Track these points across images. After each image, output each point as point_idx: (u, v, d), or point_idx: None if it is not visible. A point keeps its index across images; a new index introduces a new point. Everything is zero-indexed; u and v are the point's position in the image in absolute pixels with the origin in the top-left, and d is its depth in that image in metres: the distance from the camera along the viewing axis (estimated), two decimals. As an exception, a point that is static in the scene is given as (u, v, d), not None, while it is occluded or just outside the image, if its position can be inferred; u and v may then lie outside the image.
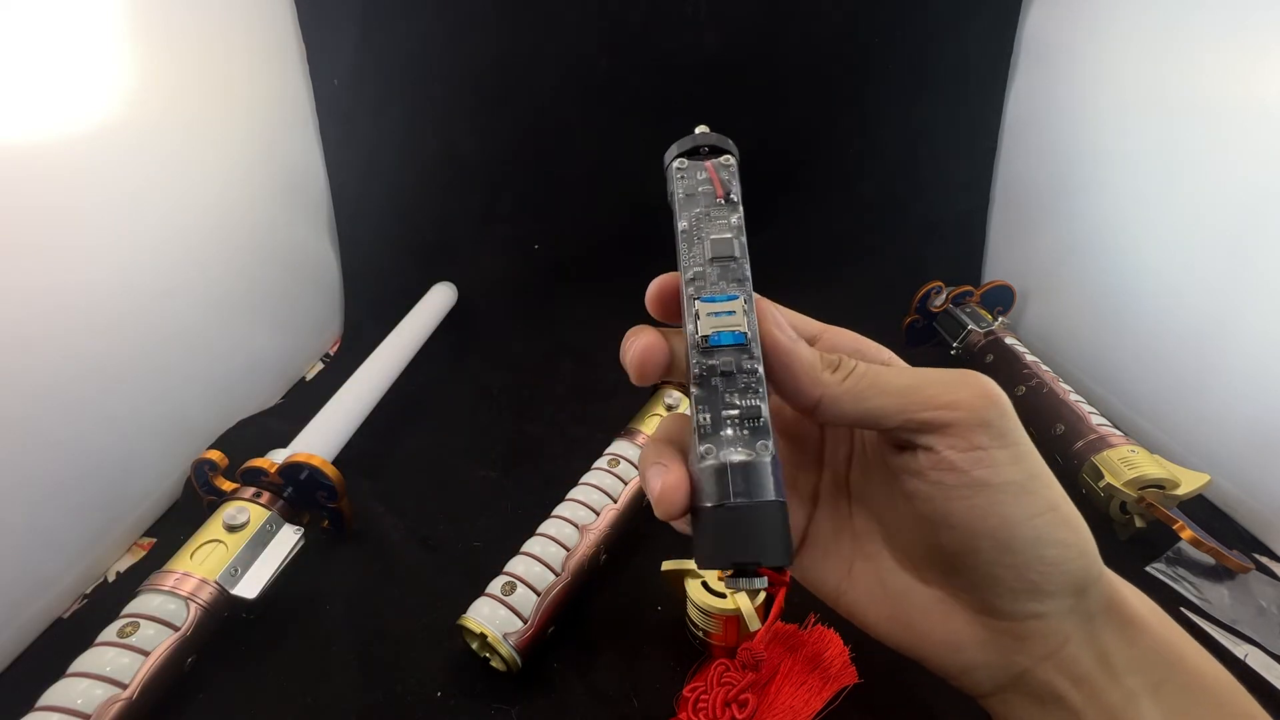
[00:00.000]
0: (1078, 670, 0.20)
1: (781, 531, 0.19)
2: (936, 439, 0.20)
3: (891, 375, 0.21)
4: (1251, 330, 0.49)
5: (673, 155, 0.25)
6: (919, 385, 0.20)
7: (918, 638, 0.22)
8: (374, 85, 0.70)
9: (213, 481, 0.48)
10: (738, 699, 0.36)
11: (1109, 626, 0.20)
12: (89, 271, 0.46)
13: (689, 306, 0.22)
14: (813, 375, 0.21)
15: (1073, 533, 0.20)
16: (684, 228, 0.23)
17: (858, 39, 0.71)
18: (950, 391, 0.20)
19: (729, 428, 0.20)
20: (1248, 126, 0.49)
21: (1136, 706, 0.20)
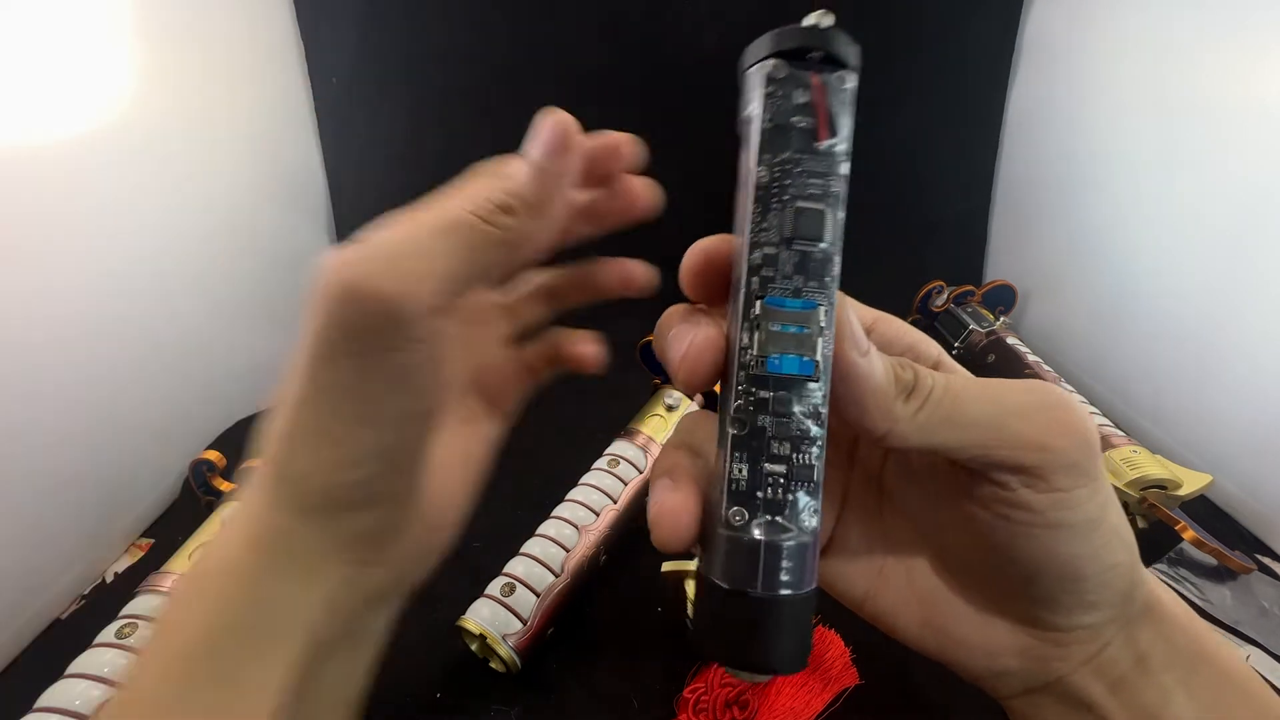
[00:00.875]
0: (1115, 673, 0.20)
1: (808, 628, 0.16)
2: (1014, 478, 0.18)
3: (971, 404, 0.18)
4: (1253, 330, 0.49)
5: (760, 54, 0.17)
6: (1002, 419, 0.18)
7: (952, 644, 0.21)
8: (373, 84, 0.70)
9: (211, 482, 0.48)
10: (738, 700, 0.36)
11: (1147, 626, 0.20)
12: (87, 272, 0.45)
13: (745, 303, 0.16)
14: (884, 407, 0.17)
15: (1127, 551, 0.19)
16: (761, 178, 0.16)
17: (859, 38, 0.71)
18: (1038, 430, 0.18)
19: (770, 489, 0.16)
20: (1248, 126, 0.49)
21: (1169, 702, 0.20)
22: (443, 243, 0.18)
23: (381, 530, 0.19)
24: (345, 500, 0.18)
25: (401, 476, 0.19)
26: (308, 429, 0.18)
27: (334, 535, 0.18)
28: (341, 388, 0.17)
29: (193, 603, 0.18)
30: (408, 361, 0.17)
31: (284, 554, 0.18)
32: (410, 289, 0.17)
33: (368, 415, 0.18)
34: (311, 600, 0.18)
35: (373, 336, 0.17)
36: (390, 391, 0.18)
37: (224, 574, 0.18)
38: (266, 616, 0.18)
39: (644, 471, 0.48)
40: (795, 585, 0.16)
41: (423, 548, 0.21)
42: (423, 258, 0.17)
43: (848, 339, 0.17)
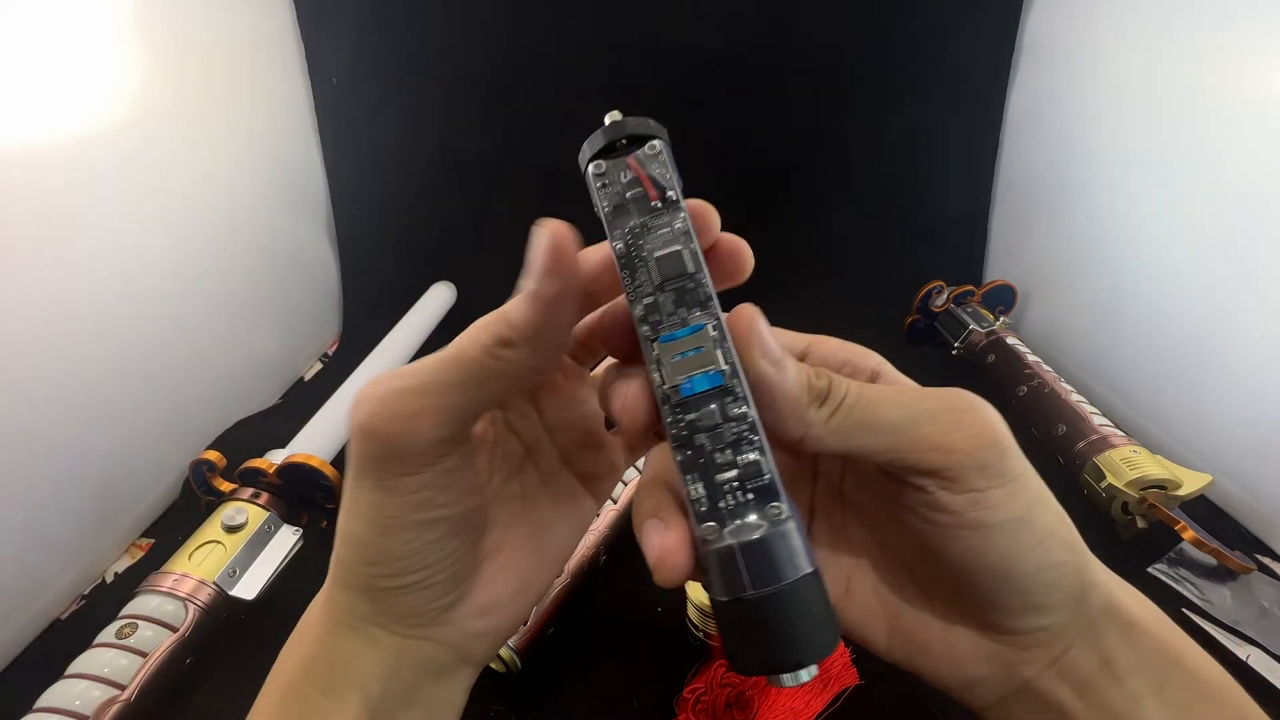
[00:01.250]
0: (1080, 675, 0.20)
1: (822, 610, 0.17)
2: (929, 481, 0.19)
3: (881, 409, 0.19)
4: (1253, 330, 0.49)
5: (587, 157, 0.20)
6: (911, 422, 0.19)
7: (918, 653, 0.22)
8: (373, 85, 0.70)
9: (211, 482, 0.48)
10: (738, 700, 0.36)
11: (1111, 630, 0.20)
12: (87, 273, 0.45)
13: (647, 349, 0.18)
14: (796, 413, 0.19)
15: (1069, 551, 0.20)
16: (620, 250, 0.19)
17: (859, 38, 0.71)
18: (944, 432, 0.19)
19: (729, 496, 0.17)
20: (1249, 126, 0.49)
21: (1140, 708, 0.20)
22: (445, 380, 0.20)
23: (421, 613, 0.22)
24: (380, 589, 0.21)
25: (430, 572, 0.21)
26: (349, 530, 0.21)
27: (381, 613, 0.21)
28: (367, 503, 0.20)
29: (288, 654, 0.23)
30: (417, 484, 0.20)
31: (345, 623, 0.22)
32: (409, 428, 0.19)
33: (389, 526, 0.20)
34: (369, 663, 0.21)
35: (382, 465, 0.20)
36: (405, 507, 0.20)
37: (308, 632, 0.23)
38: (335, 672, 0.21)
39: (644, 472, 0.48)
40: (787, 574, 0.16)
41: (475, 630, 0.23)
42: (427, 396, 0.19)
43: (755, 350, 0.18)
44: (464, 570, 0.22)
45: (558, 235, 0.18)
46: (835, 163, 0.76)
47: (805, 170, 0.77)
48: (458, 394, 0.20)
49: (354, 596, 0.22)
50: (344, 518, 0.21)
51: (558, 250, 0.18)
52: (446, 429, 0.20)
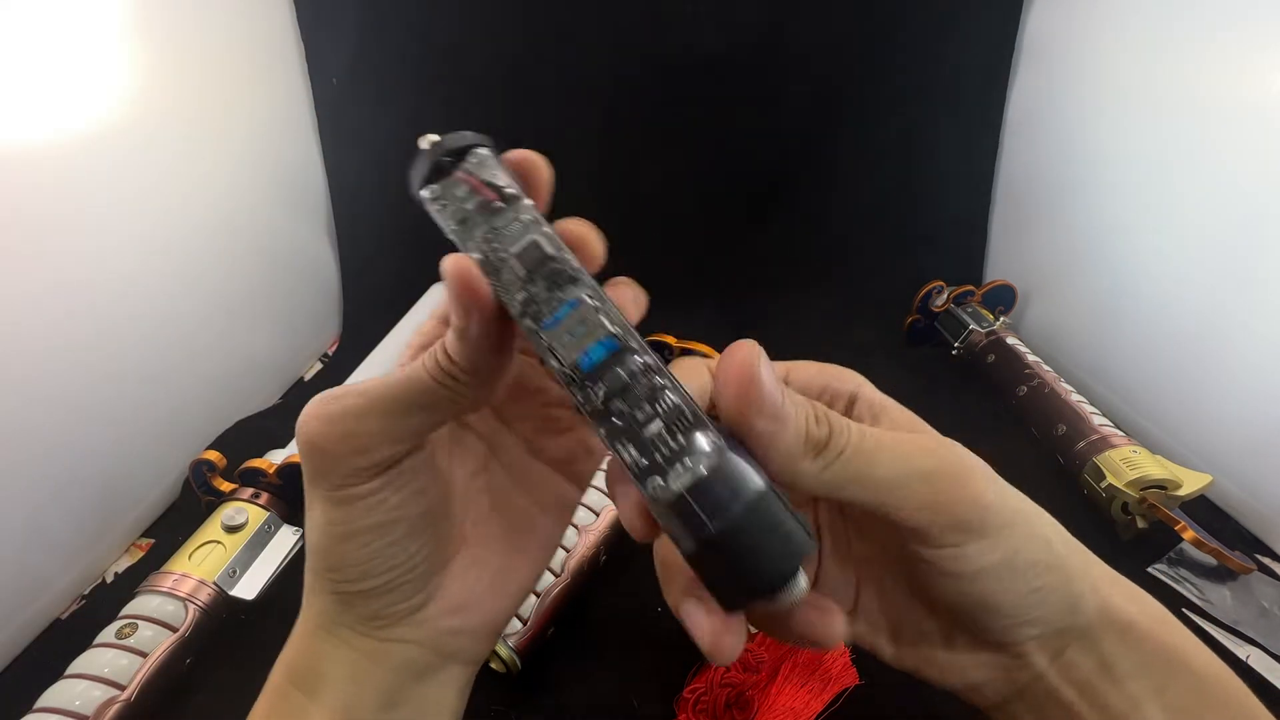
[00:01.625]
0: (1078, 676, 0.21)
1: (787, 519, 0.17)
2: (910, 535, 0.19)
3: (875, 464, 0.19)
4: (1254, 330, 0.49)
5: (417, 186, 0.20)
6: (902, 482, 0.19)
7: (923, 662, 0.23)
8: (373, 85, 0.70)
9: (211, 482, 0.48)
10: (739, 700, 0.36)
11: (1107, 634, 0.21)
12: (87, 273, 0.45)
13: (537, 342, 0.18)
14: (789, 465, 0.18)
15: (1055, 573, 0.20)
16: (479, 260, 0.19)
17: (859, 38, 0.71)
18: (932, 494, 0.19)
19: (661, 446, 0.17)
20: (1250, 126, 0.48)
21: (1140, 710, 0.20)
22: (393, 400, 0.20)
23: (388, 614, 0.22)
24: (344, 594, 0.22)
25: (392, 575, 0.22)
26: (309, 538, 0.22)
27: (350, 616, 0.22)
28: (319, 512, 0.21)
29: (279, 660, 0.23)
30: (366, 491, 0.20)
31: (321, 626, 0.22)
32: (354, 445, 0.20)
33: (342, 533, 0.21)
34: (345, 665, 0.22)
35: (329, 478, 0.20)
36: (356, 514, 0.21)
37: (292, 636, 0.23)
38: (315, 675, 0.22)
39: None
40: (742, 497, 0.16)
41: (447, 627, 0.23)
42: (373, 416, 0.20)
43: (753, 408, 0.17)
44: (429, 570, 0.23)
45: (459, 272, 0.18)
46: (835, 163, 0.76)
47: (805, 170, 0.77)
48: (404, 415, 0.20)
49: (323, 600, 0.22)
50: (307, 529, 0.22)
51: (463, 287, 0.18)
52: (392, 447, 0.20)
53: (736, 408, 0.18)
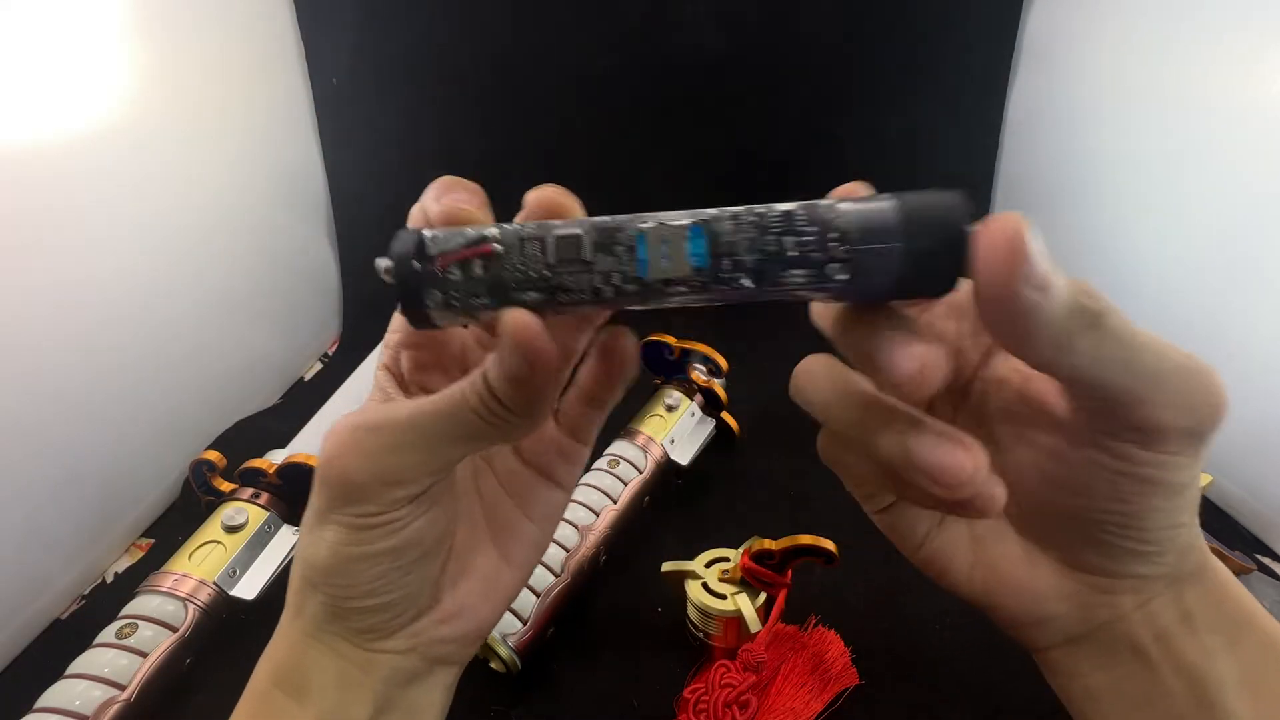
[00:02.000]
0: (1159, 625, 0.20)
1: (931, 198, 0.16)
2: (1139, 433, 0.18)
3: (1145, 351, 0.17)
4: (1254, 330, 0.49)
5: (418, 307, 0.19)
6: (1167, 375, 0.17)
7: (999, 586, 0.22)
8: (373, 85, 0.70)
9: (211, 482, 0.48)
10: (738, 700, 0.36)
11: (1195, 588, 0.20)
12: (87, 271, 0.45)
13: (645, 299, 0.17)
14: (1061, 340, 0.16)
15: (1192, 514, 0.20)
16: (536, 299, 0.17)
17: (859, 38, 0.71)
18: (1190, 392, 0.18)
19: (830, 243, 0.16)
20: (1250, 126, 0.48)
21: (1213, 662, 0.20)
22: (437, 431, 0.19)
23: (383, 629, 0.22)
24: (342, 609, 0.21)
25: (395, 595, 0.21)
26: (313, 555, 0.21)
27: (343, 627, 0.22)
28: (334, 536, 0.20)
29: (264, 657, 0.23)
30: (390, 518, 0.20)
31: (309, 633, 0.22)
32: (392, 477, 0.19)
33: (357, 557, 0.20)
34: (333, 672, 0.22)
35: (355, 505, 0.20)
36: (377, 538, 0.20)
37: (278, 637, 0.23)
38: (302, 680, 0.22)
39: (644, 471, 0.48)
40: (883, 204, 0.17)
41: (441, 636, 0.23)
42: (415, 449, 0.19)
43: (1019, 277, 0.15)
44: (428, 586, 0.22)
45: (524, 333, 0.17)
46: (835, 162, 0.76)
47: (805, 170, 0.77)
48: (446, 448, 0.20)
49: (315, 609, 0.22)
50: (308, 541, 0.21)
51: (529, 349, 0.17)
52: (430, 479, 0.20)
53: (998, 280, 0.15)
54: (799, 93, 0.73)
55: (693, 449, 0.51)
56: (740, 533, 0.40)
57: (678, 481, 0.51)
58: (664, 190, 0.75)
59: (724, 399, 0.53)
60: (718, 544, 0.40)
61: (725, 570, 0.39)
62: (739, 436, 0.54)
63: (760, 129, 0.74)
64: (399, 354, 0.23)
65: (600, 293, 0.17)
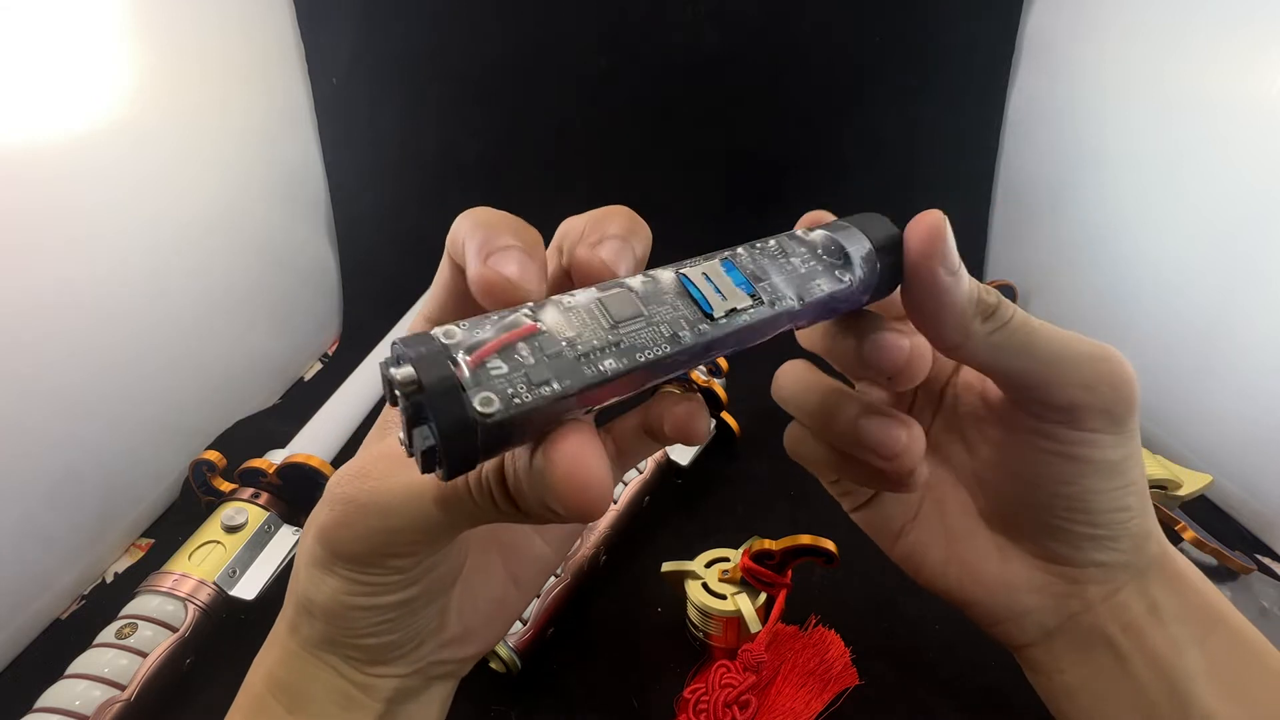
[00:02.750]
0: (1127, 617, 0.21)
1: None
2: (1054, 413, 0.20)
3: (1042, 338, 0.20)
4: (1254, 329, 0.49)
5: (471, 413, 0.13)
6: (1066, 359, 0.20)
7: (972, 580, 0.23)
8: (373, 84, 0.70)
9: (211, 482, 0.48)
10: (739, 700, 0.36)
11: (1159, 579, 0.21)
12: (86, 271, 0.45)
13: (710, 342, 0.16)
14: (962, 322, 0.19)
15: (1139, 500, 0.21)
16: (614, 370, 0.14)
17: (859, 38, 0.71)
18: (1093, 375, 0.20)
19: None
20: (1250, 124, 0.48)
21: (1181, 653, 0.21)
22: (437, 520, 0.18)
23: (386, 659, 0.22)
24: (342, 643, 0.21)
25: (399, 635, 0.21)
26: (311, 595, 0.20)
27: (343, 654, 0.21)
28: (332, 587, 0.20)
29: (259, 663, 0.23)
30: (388, 573, 0.19)
31: (307, 650, 0.21)
32: (388, 552, 0.19)
33: (357, 606, 0.20)
34: (332, 690, 0.21)
35: (349, 565, 0.19)
36: (377, 591, 0.20)
37: (275, 644, 0.22)
38: (298, 694, 0.21)
39: (644, 472, 0.48)
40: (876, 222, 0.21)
41: (442, 657, 0.23)
42: (414, 531, 0.18)
43: (937, 256, 0.19)
44: (435, 619, 0.22)
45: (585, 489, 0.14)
46: (835, 162, 0.76)
47: (805, 169, 0.77)
48: (444, 531, 0.18)
49: (313, 630, 0.21)
50: (307, 577, 0.20)
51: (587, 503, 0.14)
52: (431, 553, 0.19)
53: (922, 257, 0.19)
54: (799, 93, 0.73)
55: (693, 449, 0.51)
56: (740, 533, 0.40)
57: (678, 481, 0.51)
58: (664, 190, 0.75)
59: (724, 399, 0.53)
60: (718, 544, 0.40)
61: (725, 570, 0.39)
62: (739, 436, 0.54)
63: (760, 129, 0.74)
64: None
65: (679, 339, 0.16)
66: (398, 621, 0.21)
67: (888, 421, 0.20)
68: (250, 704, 0.22)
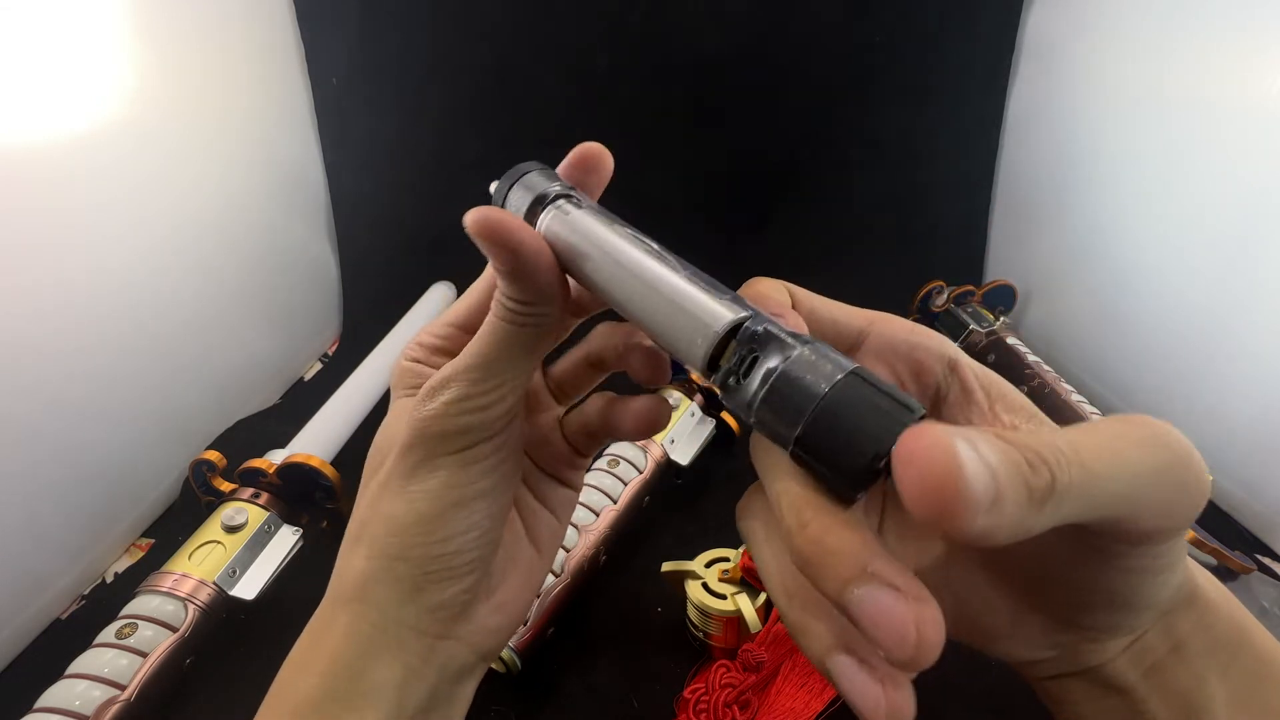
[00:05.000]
0: (1149, 660, 0.20)
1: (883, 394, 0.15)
2: (1128, 539, 0.17)
3: (1102, 477, 0.15)
4: (1254, 330, 0.49)
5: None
6: (1135, 490, 0.15)
7: (982, 635, 0.21)
8: (373, 84, 0.70)
9: (211, 482, 0.48)
10: (739, 700, 0.36)
11: (1187, 615, 0.20)
12: (86, 271, 0.45)
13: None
14: (1021, 530, 0.14)
15: (1180, 572, 0.19)
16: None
17: (859, 38, 0.71)
18: (1168, 497, 0.16)
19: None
20: (1249, 125, 0.49)
21: (1204, 687, 0.20)
22: (497, 354, 0.21)
23: (452, 605, 0.23)
24: (435, 573, 0.22)
25: (482, 551, 0.23)
26: (403, 517, 0.22)
27: (416, 606, 0.22)
28: (440, 481, 0.22)
29: (305, 667, 0.22)
30: (489, 449, 0.22)
31: (376, 626, 0.22)
32: (486, 403, 0.21)
33: (461, 497, 0.22)
34: (395, 670, 0.22)
35: (457, 442, 0.22)
36: (480, 474, 0.22)
37: (325, 647, 0.22)
38: (358, 684, 0.21)
39: (644, 471, 0.48)
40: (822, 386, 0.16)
41: (492, 626, 0.24)
42: (491, 375, 0.21)
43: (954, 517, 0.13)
44: (491, 558, 0.24)
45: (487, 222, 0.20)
46: (835, 163, 0.76)
47: (805, 170, 0.77)
48: (508, 365, 0.22)
49: (388, 593, 0.22)
50: (396, 504, 0.22)
51: (491, 232, 0.20)
52: (504, 402, 0.22)
53: (936, 520, 0.13)
54: (799, 92, 0.73)
55: (693, 449, 0.51)
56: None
57: (677, 481, 0.51)
58: (664, 190, 0.75)
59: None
60: (718, 544, 0.41)
61: (725, 570, 0.39)
62: (739, 436, 0.54)
63: (761, 129, 0.74)
64: (434, 356, 0.25)
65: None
66: (481, 528, 0.22)
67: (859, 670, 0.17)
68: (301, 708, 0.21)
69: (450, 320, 0.25)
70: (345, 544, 0.24)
